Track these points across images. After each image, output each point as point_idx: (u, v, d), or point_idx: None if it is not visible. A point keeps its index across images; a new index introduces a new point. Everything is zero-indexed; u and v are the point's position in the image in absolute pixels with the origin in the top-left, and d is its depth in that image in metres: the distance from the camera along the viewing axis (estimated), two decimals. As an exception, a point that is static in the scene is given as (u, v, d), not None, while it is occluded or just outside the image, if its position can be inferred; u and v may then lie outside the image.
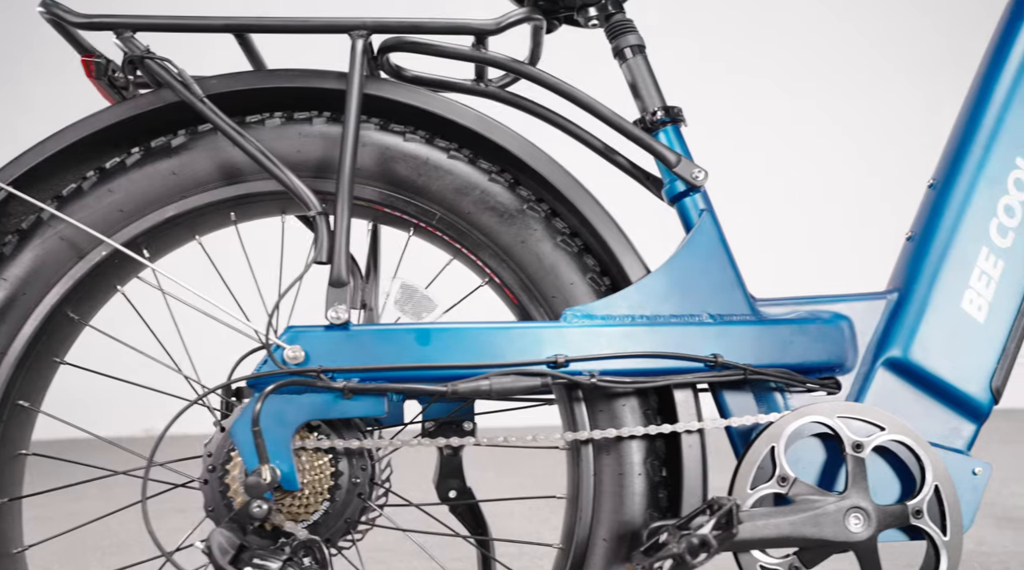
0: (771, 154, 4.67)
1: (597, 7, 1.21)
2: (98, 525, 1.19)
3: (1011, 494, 2.58)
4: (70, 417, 1.14)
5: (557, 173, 1.10)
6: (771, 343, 1.07)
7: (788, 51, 4.68)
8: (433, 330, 1.01)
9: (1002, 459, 3.08)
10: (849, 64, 4.77)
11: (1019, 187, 1.13)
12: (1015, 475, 2.83)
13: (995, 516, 2.35)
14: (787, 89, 4.74)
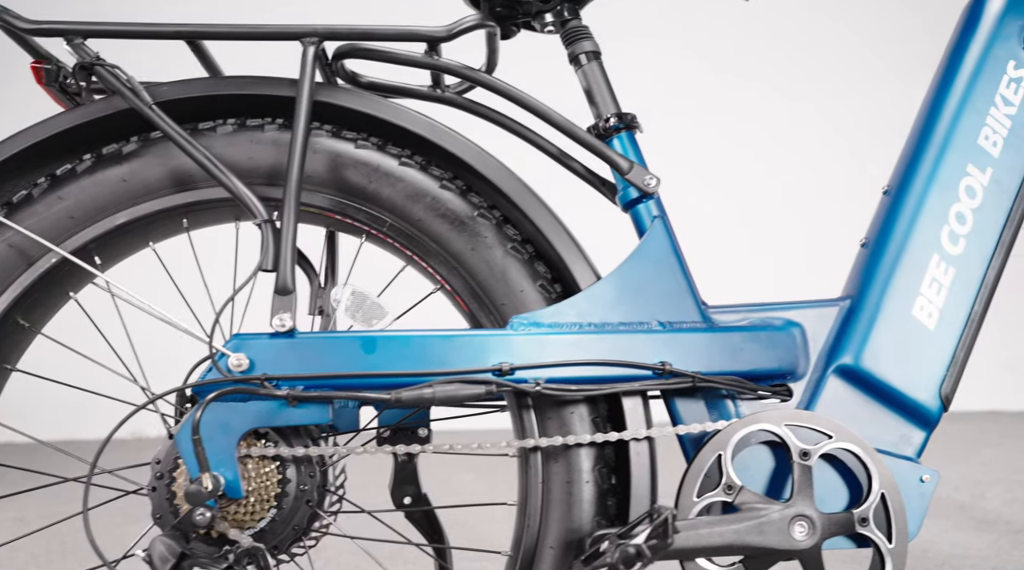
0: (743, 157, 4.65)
1: (553, 13, 1.21)
2: (48, 532, 1.18)
3: (990, 497, 2.58)
4: (25, 421, 1.14)
5: (508, 180, 1.10)
6: (721, 350, 1.07)
7: (763, 58, 4.65)
8: (378, 338, 1.01)
9: (983, 462, 3.09)
10: (842, 64, 4.76)
11: (970, 194, 1.13)
12: (994, 478, 2.83)
13: (973, 519, 2.36)
14: (783, 91, 4.72)
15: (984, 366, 4.28)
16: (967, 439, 3.55)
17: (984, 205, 1.13)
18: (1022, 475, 2.85)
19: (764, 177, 4.44)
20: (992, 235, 1.13)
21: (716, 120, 4.45)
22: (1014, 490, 2.66)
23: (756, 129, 4.58)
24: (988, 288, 1.12)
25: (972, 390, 4.45)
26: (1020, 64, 1.15)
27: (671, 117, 4.23)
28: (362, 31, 1.10)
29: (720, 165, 4.37)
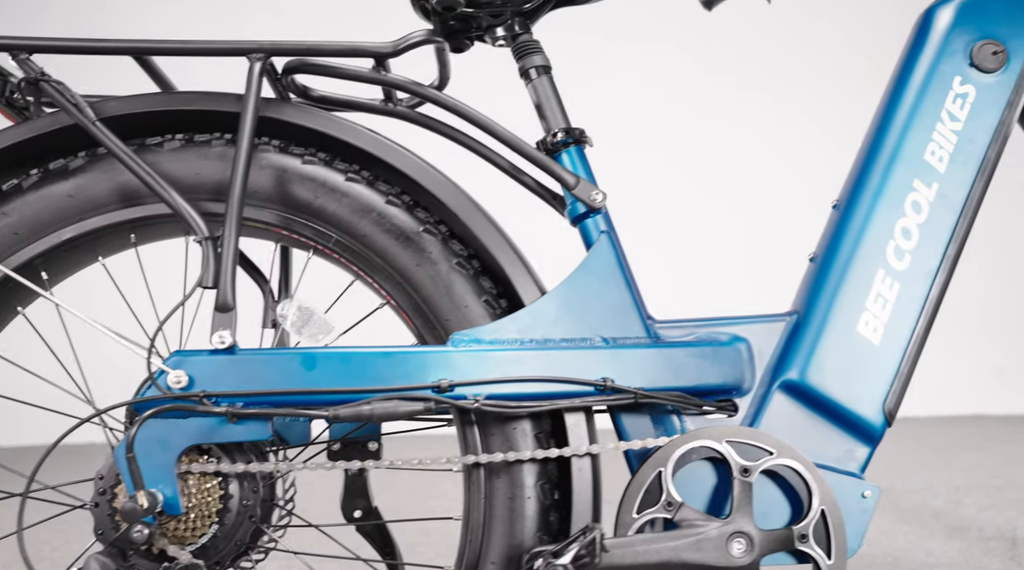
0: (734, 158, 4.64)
1: (504, 28, 1.21)
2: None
3: (967, 503, 2.58)
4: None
5: (453, 195, 1.11)
6: (665, 366, 1.07)
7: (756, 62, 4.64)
8: (318, 355, 1.01)
9: (963, 467, 3.09)
10: (837, 70, 4.72)
11: (916, 209, 1.13)
12: (973, 483, 2.83)
13: (947, 526, 2.36)
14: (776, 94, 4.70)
15: (972, 370, 4.30)
16: (950, 443, 3.55)
17: (930, 220, 1.13)
18: (1000, 481, 2.85)
19: (754, 179, 4.42)
20: (937, 250, 1.13)
21: (709, 122, 4.43)
22: (991, 496, 2.66)
23: (748, 131, 4.56)
24: (933, 303, 1.12)
25: (959, 394, 4.45)
26: (966, 80, 1.16)
27: (660, 118, 4.24)
28: (308, 47, 1.10)
29: (712, 166, 4.34)
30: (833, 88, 4.28)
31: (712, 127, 4.35)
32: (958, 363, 4.25)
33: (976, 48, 1.15)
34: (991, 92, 1.16)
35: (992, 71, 1.15)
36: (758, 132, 4.36)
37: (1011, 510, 2.47)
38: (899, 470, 3.06)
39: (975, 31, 1.16)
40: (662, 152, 4.26)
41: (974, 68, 1.16)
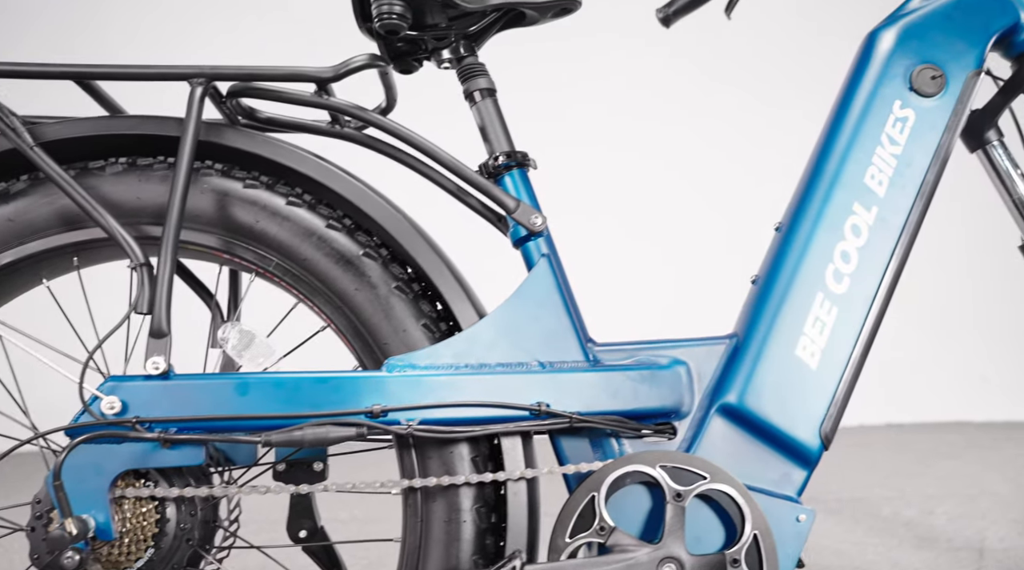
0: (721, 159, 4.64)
1: (450, 50, 1.22)
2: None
3: (938, 513, 2.59)
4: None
5: (392, 219, 1.11)
6: (603, 389, 1.07)
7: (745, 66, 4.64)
8: (252, 380, 1.02)
9: (938, 475, 3.09)
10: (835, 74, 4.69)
11: (856, 233, 1.14)
12: (947, 492, 2.84)
13: (917, 536, 2.37)
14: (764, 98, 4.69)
15: (958, 376, 4.30)
16: (930, 451, 3.56)
17: (869, 244, 1.14)
18: (974, 490, 2.86)
19: (711, 197, 4.37)
20: (876, 274, 1.13)
21: (699, 123, 4.41)
22: (963, 505, 2.66)
23: (734, 132, 4.54)
24: (871, 327, 1.12)
25: (943, 401, 4.44)
26: (906, 104, 1.16)
27: (649, 119, 4.23)
28: (248, 73, 1.11)
29: (703, 168, 4.33)
30: (784, 108, 4.23)
31: (665, 146, 4.33)
32: (942, 369, 4.26)
33: (915, 72, 1.16)
34: (930, 116, 1.16)
35: (931, 95, 1.16)
36: (712, 152, 4.31)
37: (982, 520, 2.48)
38: (876, 478, 3.07)
39: (915, 55, 1.17)
40: (618, 172, 4.25)
41: (913, 92, 1.16)
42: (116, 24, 4.13)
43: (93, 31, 4.11)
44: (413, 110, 1.75)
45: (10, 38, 4.09)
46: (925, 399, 4.21)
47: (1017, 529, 2.38)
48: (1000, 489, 2.85)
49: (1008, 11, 1.18)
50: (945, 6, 1.19)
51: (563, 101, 4.18)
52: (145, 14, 4.17)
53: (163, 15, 4.18)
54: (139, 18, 4.16)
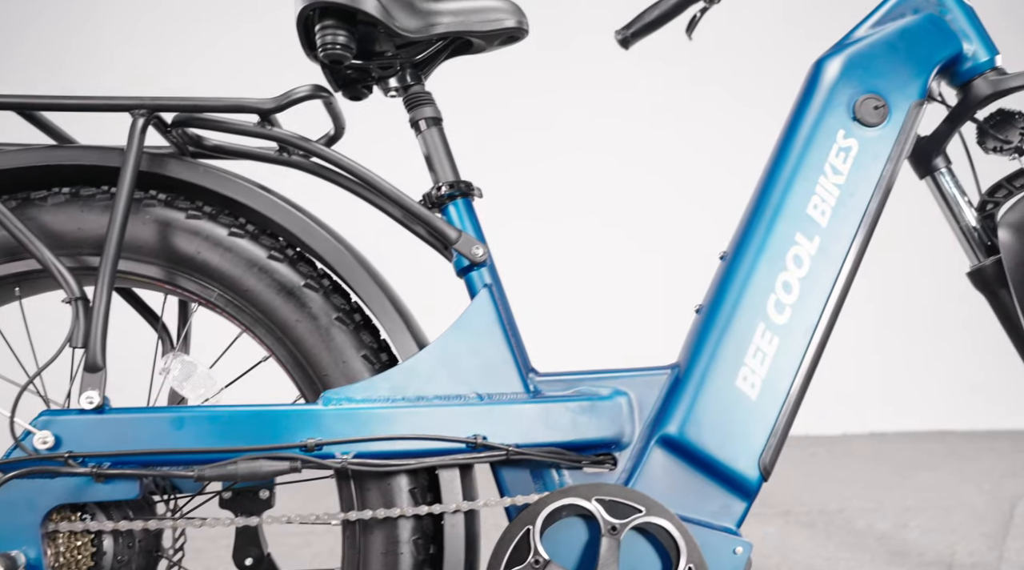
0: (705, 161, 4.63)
1: (396, 78, 1.22)
2: None
3: (912, 526, 2.59)
4: None
5: (332, 250, 1.12)
6: (542, 421, 1.08)
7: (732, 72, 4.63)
8: (187, 414, 1.02)
9: (916, 487, 3.10)
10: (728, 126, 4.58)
11: (797, 263, 1.14)
12: (923, 505, 2.84)
13: (889, 551, 2.37)
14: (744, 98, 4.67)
15: (945, 385, 4.30)
16: (910, 461, 3.56)
17: (811, 274, 1.14)
18: (951, 501, 2.86)
19: (677, 219, 4.31)
20: (817, 304, 1.13)
21: (688, 127, 4.39)
22: (937, 519, 2.67)
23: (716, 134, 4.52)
24: (811, 358, 1.12)
25: (927, 409, 4.44)
26: (849, 134, 1.17)
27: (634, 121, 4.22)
28: (190, 104, 1.11)
29: (691, 171, 4.31)
30: (742, 129, 4.19)
31: (720, 122, 4.30)
32: (926, 377, 4.26)
33: (859, 102, 1.16)
34: (873, 146, 1.16)
35: (874, 125, 1.16)
36: (675, 171, 4.27)
37: (953, 534, 2.48)
38: (854, 489, 3.07)
39: (859, 85, 1.17)
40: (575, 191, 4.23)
41: (857, 122, 1.17)
42: (113, 24, 4.13)
43: (90, 31, 4.11)
44: (375, 132, 1.75)
45: (9, 39, 4.08)
46: (909, 407, 4.21)
47: (987, 543, 2.38)
48: (975, 501, 2.85)
49: (950, 42, 1.19)
50: (890, 36, 1.19)
51: (544, 109, 4.18)
52: (143, 14, 4.15)
53: (162, 15, 4.17)
54: (136, 17, 4.15)
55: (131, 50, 4.10)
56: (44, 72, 4.04)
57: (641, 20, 1.40)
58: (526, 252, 4.08)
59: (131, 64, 4.04)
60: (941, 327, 4.22)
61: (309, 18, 1.15)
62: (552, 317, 3.83)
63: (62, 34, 4.07)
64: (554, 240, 4.15)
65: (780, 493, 2.98)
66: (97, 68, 4.03)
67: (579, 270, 4.17)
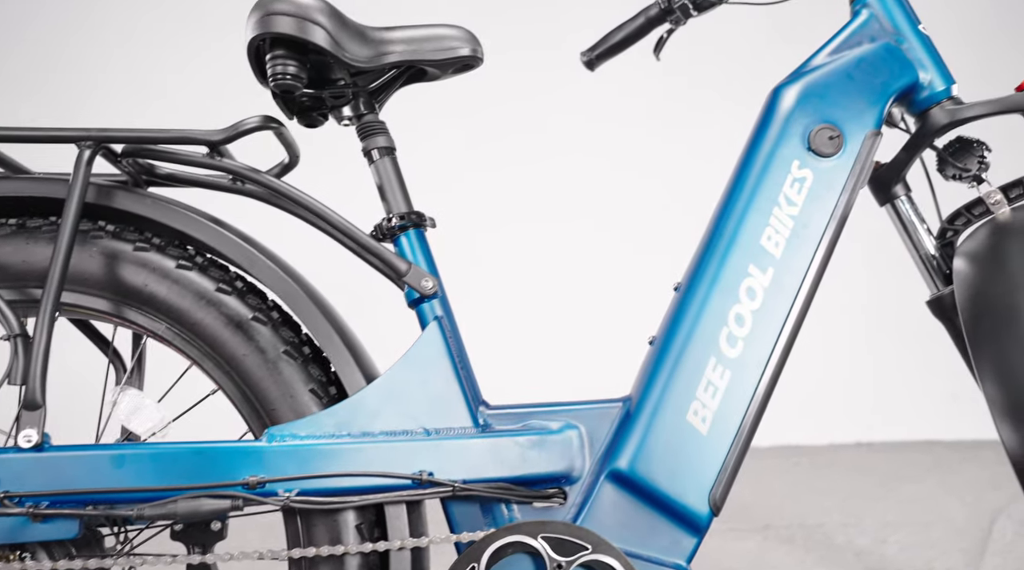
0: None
1: (350, 107, 1.22)
2: None
3: (891, 542, 2.59)
4: None
5: (280, 282, 1.11)
6: (490, 456, 1.07)
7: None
8: (127, 452, 1.01)
9: (899, 500, 3.09)
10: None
11: (751, 296, 1.13)
12: (904, 519, 2.83)
13: (866, 568, 2.36)
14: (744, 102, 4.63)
15: (928, 395, 4.29)
16: (894, 472, 3.55)
17: (764, 307, 1.13)
18: (932, 516, 2.85)
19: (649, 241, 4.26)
20: (770, 338, 1.13)
21: (681, 133, 4.36)
22: (917, 534, 2.66)
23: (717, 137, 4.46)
24: (763, 392, 1.11)
25: (913, 419, 4.43)
26: (804, 164, 1.16)
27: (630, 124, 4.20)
28: (138, 136, 1.10)
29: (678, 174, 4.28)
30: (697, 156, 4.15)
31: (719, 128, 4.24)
32: (913, 388, 4.25)
33: (814, 133, 1.15)
34: (827, 177, 1.16)
35: (828, 156, 1.16)
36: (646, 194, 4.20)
37: (932, 549, 2.48)
38: (836, 502, 3.06)
39: (814, 115, 1.16)
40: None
41: (812, 153, 1.16)
42: (113, 24, 4.11)
43: (89, 30, 4.09)
44: (343, 154, 1.74)
45: (9, 39, 4.07)
46: (895, 417, 4.20)
47: (965, 559, 2.37)
48: (956, 515, 2.84)
49: (907, 71, 1.18)
50: (846, 65, 1.18)
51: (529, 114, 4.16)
52: (143, 13, 4.13)
53: (163, 14, 4.14)
54: (136, 17, 4.13)
55: (172, 28, 4.07)
56: (92, 41, 4.01)
57: (606, 43, 1.39)
58: (516, 255, 4.08)
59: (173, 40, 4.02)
60: (931, 336, 4.21)
61: (260, 47, 1.14)
62: (530, 331, 3.82)
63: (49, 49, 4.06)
64: (542, 242, 4.13)
65: (761, 506, 2.98)
66: (144, 41, 4.01)
67: (569, 275, 4.14)
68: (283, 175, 1.24)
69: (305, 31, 1.10)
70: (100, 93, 3.97)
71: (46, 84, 3.98)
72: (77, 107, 3.85)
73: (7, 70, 4.00)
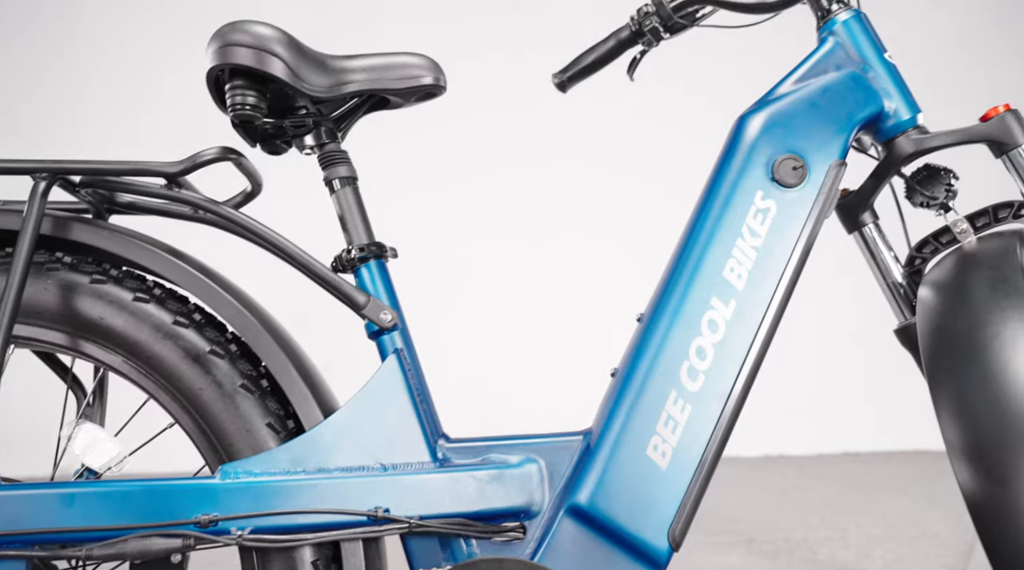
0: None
1: (312, 136, 1.21)
2: None
3: (875, 557, 2.58)
4: None
5: (236, 316, 1.10)
6: (448, 491, 1.06)
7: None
8: (77, 491, 1.00)
9: (884, 512, 3.08)
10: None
11: (712, 328, 1.12)
12: (889, 532, 2.82)
13: (849, 584, 2.35)
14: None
15: (917, 404, 4.27)
16: (881, 483, 3.55)
17: (726, 340, 1.12)
18: (916, 530, 2.84)
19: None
20: (732, 371, 1.12)
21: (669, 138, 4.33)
22: (902, 547, 2.65)
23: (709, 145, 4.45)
24: (724, 427, 1.10)
25: (906, 429, 4.43)
26: (767, 195, 1.15)
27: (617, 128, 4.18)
28: (93, 168, 1.09)
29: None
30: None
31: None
32: (903, 398, 4.24)
33: (777, 163, 1.15)
34: (791, 208, 1.15)
35: (792, 186, 1.15)
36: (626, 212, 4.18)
37: (915, 566, 2.47)
38: (821, 516, 3.05)
39: (778, 144, 1.15)
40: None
41: (775, 183, 1.15)
42: (109, 25, 4.10)
43: (87, 25, 4.07)
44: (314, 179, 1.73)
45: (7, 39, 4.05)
46: (883, 427, 4.20)
47: (947, 577, 2.37)
48: (940, 529, 2.83)
49: (872, 100, 1.17)
50: (811, 94, 1.17)
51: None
52: (117, 43, 4.12)
53: (165, 11, 4.12)
54: (110, 43, 4.12)
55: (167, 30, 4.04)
56: (89, 39, 3.97)
57: (577, 65, 1.38)
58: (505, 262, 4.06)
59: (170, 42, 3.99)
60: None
61: (219, 76, 1.13)
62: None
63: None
64: (520, 255, 4.11)
65: (746, 519, 2.97)
66: (141, 42, 3.97)
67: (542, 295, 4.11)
68: (246, 203, 1.24)
69: (263, 63, 1.09)
70: (71, 122, 3.93)
71: (10, 115, 3.95)
72: (52, 135, 3.82)
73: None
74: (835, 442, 4.17)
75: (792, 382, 4.00)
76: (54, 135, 3.86)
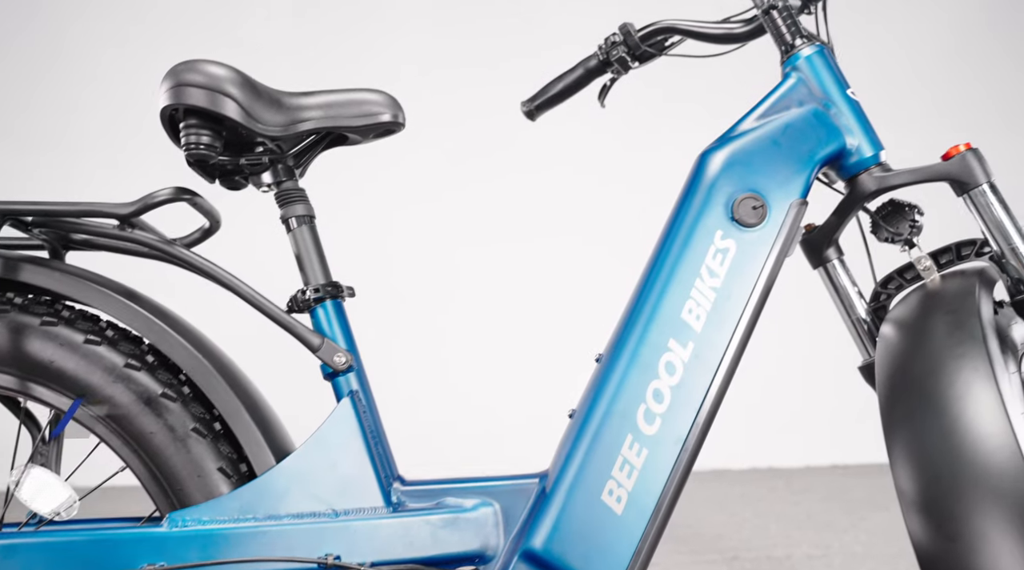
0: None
1: (269, 173, 1.20)
2: None
3: (859, 576, 2.57)
4: None
5: (188, 359, 1.09)
6: (400, 537, 1.05)
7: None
8: (20, 543, 0.99)
9: (868, 529, 3.07)
10: None
11: (670, 371, 1.11)
12: (871, 550, 2.81)
13: (830, 605, 2.34)
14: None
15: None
16: (866, 499, 3.53)
17: (683, 382, 1.11)
18: (896, 548, 2.83)
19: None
20: (689, 414, 1.10)
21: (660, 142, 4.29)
22: (884, 566, 2.64)
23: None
24: (681, 471, 1.09)
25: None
26: (727, 234, 1.14)
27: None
28: (45, 209, 1.09)
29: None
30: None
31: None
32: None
33: (737, 202, 1.13)
34: (751, 248, 1.14)
35: (752, 226, 1.13)
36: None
37: (895, 587, 2.46)
38: (805, 533, 3.04)
39: (738, 183, 1.14)
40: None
41: (735, 223, 1.14)
42: (108, 25, 4.07)
43: (86, 24, 4.05)
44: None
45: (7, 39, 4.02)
46: (872, 439, 4.18)
47: (927, 599, 2.35)
48: (924, 548, 2.82)
49: (833, 137, 1.16)
50: (772, 131, 1.16)
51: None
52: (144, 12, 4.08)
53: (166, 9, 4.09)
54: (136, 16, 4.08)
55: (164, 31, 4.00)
56: (85, 38, 3.93)
57: (545, 93, 1.37)
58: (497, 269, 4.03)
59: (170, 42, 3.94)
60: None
61: (173, 115, 1.12)
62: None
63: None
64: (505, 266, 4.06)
65: (731, 535, 2.96)
66: (141, 42, 3.93)
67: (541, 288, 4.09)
68: (205, 239, 1.23)
69: (216, 104, 1.08)
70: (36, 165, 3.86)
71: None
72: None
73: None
74: (824, 454, 4.16)
75: (782, 394, 4.00)
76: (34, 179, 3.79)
